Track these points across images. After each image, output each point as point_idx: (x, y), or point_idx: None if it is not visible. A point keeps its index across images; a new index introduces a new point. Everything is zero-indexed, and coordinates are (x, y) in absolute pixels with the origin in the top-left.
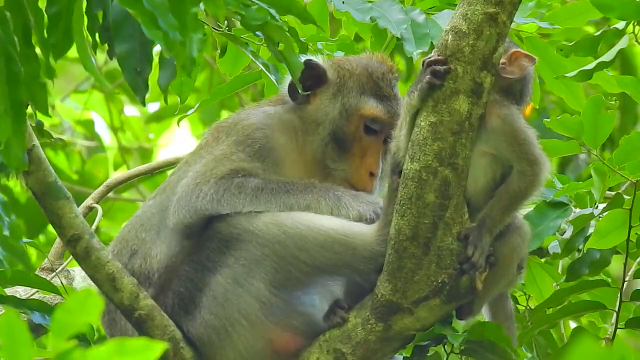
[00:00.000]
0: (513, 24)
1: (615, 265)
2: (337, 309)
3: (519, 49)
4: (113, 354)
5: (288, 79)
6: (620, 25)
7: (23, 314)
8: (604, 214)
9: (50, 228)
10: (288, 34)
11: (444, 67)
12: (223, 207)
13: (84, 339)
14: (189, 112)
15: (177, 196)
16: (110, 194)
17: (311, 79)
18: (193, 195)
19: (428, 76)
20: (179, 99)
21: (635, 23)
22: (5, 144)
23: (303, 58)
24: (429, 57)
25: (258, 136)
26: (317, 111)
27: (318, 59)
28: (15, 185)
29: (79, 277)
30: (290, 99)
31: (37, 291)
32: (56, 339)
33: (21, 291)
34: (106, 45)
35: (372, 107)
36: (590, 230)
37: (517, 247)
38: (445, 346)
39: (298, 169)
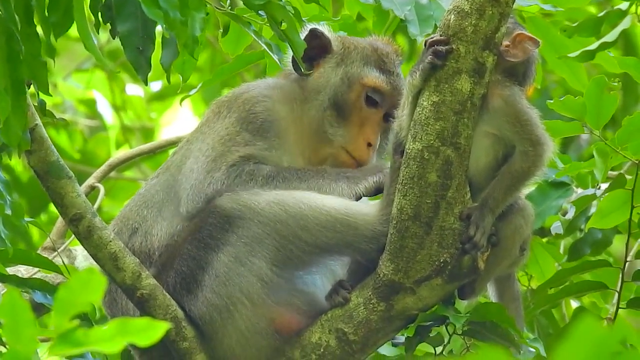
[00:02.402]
0: (515, 4)
1: (617, 245)
2: (340, 289)
3: (523, 31)
4: (116, 334)
5: (288, 65)
6: (624, 5)
7: (25, 293)
8: (606, 194)
9: (52, 207)
10: (291, 14)
11: (446, 47)
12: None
13: (86, 319)
14: (191, 92)
15: (189, 184)
16: (113, 173)
17: (316, 48)
18: (205, 183)
19: (430, 56)
20: (181, 78)
21: (638, 4)
22: (4, 123)
23: (309, 26)
24: (431, 37)
25: (259, 110)
26: (319, 78)
27: (324, 28)
28: (17, 164)
29: (81, 256)
30: (294, 70)
31: (39, 270)
32: (59, 319)
33: (23, 270)
34: (108, 24)
35: (374, 77)
36: (592, 210)
37: (520, 228)
38: (448, 327)
39: (300, 139)
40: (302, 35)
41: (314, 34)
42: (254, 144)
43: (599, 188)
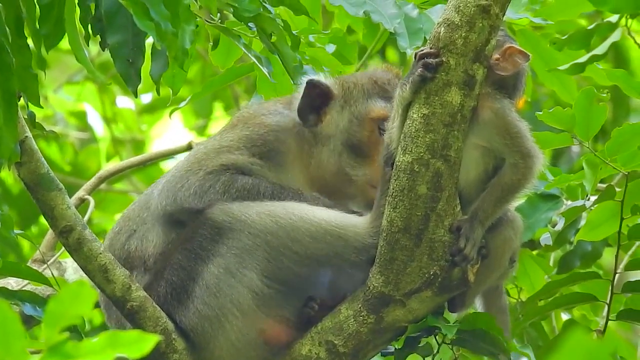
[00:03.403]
0: (506, 18)
1: (607, 257)
2: (310, 302)
3: (513, 45)
4: (106, 346)
5: (295, 101)
6: (614, 18)
7: (14, 306)
8: (596, 206)
9: (42, 219)
10: (280, 26)
11: (436, 60)
12: (203, 205)
13: (75, 331)
14: (181, 105)
15: (166, 178)
16: (103, 186)
17: (318, 98)
18: (178, 183)
19: (420, 69)
20: (171, 91)
21: (628, 16)
22: None
23: (305, 79)
24: (421, 50)
25: (270, 139)
26: (328, 126)
27: (320, 77)
28: (8, 176)
29: (71, 268)
30: (302, 122)
31: (29, 283)
32: (49, 331)
33: (13, 282)
34: (99, 36)
35: (380, 109)
36: (582, 222)
37: (509, 240)
38: (437, 337)
39: (303, 178)
40: (301, 90)
41: (311, 85)
42: (248, 158)
43: (589, 200)
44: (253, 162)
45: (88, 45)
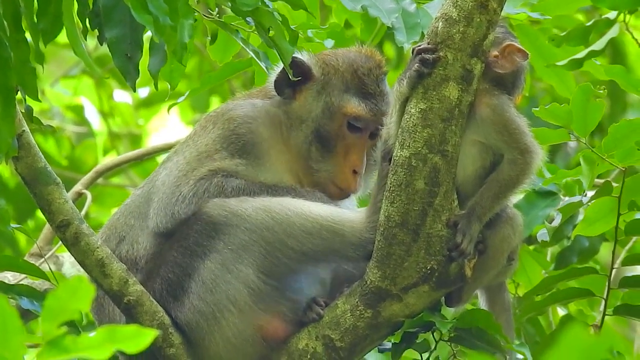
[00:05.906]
0: (504, 13)
1: (604, 252)
2: (314, 306)
3: (512, 42)
4: (104, 341)
5: (274, 73)
6: (612, 14)
7: (12, 300)
8: (593, 201)
9: (39, 213)
10: (279, 21)
11: (433, 55)
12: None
13: (73, 325)
14: (179, 100)
15: (158, 197)
16: (100, 180)
17: (297, 75)
18: (172, 198)
19: (417, 64)
20: (169, 86)
21: (626, 12)
22: None
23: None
24: (419, 45)
25: (242, 131)
26: (302, 108)
27: (303, 56)
28: (5, 170)
29: (68, 262)
30: (277, 93)
31: (26, 277)
32: (47, 326)
33: (10, 277)
34: (96, 30)
35: (354, 106)
36: (579, 218)
37: (508, 237)
38: (434, 333)
39: (283, 162)
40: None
41: (293, 62)
42: (231, 160)
43: (586, 195)
44: (237, 163)
45: (86, 40)
